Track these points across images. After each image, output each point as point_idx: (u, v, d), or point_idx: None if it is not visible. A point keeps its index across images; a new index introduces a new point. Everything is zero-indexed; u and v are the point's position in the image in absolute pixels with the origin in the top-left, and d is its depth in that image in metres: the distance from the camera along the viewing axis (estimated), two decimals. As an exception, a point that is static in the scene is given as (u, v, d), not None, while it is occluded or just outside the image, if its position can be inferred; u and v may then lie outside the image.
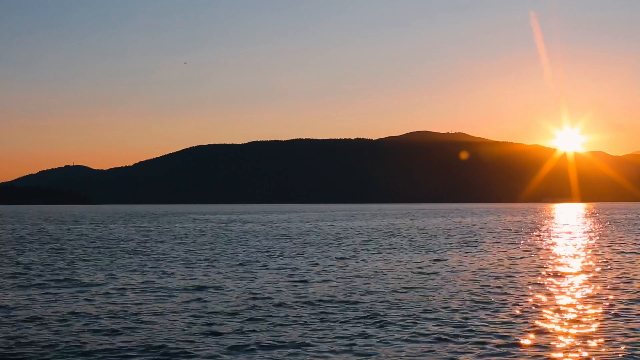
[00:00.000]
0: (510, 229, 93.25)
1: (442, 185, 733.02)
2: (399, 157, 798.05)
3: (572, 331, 21.51)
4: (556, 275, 36.29)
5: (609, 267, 40.27)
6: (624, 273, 36.63)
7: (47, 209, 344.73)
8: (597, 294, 29.18)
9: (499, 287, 31.35)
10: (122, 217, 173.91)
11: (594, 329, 21.75)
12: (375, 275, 36.35)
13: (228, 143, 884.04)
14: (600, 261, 44.13)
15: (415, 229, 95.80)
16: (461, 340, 20.26)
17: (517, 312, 24.68)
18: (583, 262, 44.04)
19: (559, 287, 31.49)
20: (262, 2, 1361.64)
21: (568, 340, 20.26)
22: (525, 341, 20.11)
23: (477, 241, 65.72)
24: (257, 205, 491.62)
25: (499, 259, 45.93)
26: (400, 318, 23.60)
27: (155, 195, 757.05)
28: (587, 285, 31.86)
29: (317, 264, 43.05)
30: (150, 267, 41.46)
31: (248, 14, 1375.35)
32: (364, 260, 45.72)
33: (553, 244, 61.91)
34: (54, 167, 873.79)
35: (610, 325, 22.31)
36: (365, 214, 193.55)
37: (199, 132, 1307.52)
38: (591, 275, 36.12)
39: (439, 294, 29.19)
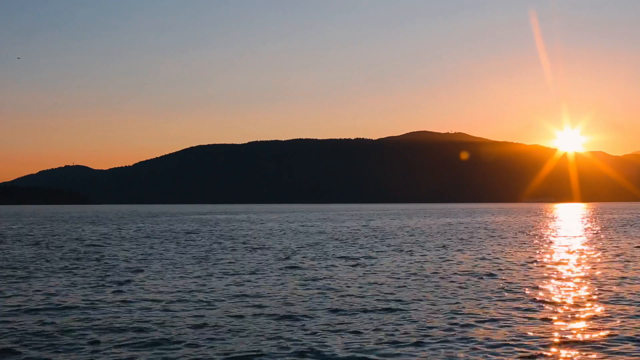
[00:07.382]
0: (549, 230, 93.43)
1: (443, 185, 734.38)
2: (399, 157, 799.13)
3: (572, 331, 21.71)
4: (562, 275, 36.57)
5: (607, 266, 40.46)
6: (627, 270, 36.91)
7: (51, 209, 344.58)
8: (595, 293, 29.35)
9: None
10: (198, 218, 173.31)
11: (593, 329, 21.80)
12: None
13: (228, 143, 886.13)
14: (597, 260, 44.32)
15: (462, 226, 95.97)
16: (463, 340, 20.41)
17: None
18: (581, 262, 44.23)
19: (563, 287, 31.72)
20: (263, 2, 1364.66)
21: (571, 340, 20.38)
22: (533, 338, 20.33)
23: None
24: (257, 205, 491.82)
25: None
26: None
27: (155, 195, 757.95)
28: (585, 285, 32.06)
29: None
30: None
31: (249, 14, 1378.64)
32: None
33: (560, 244, 62.23)
34: (54, 167, 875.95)
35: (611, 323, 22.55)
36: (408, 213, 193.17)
37: (199, 132, 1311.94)
38: (587, 275, 36.35)
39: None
